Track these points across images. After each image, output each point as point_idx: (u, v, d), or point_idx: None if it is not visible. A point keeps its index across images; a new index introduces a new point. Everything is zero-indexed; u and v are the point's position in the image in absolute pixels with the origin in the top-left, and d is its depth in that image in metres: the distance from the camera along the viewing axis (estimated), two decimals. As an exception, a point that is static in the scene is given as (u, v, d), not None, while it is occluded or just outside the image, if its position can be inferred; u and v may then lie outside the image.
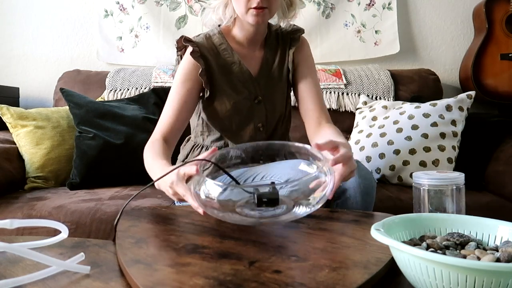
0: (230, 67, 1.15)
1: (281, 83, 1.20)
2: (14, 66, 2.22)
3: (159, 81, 1.90)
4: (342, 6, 2.19)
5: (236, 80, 1.15)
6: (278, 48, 1.21)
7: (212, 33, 1.17)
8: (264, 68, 1.19)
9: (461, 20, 2.21)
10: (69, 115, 1.66)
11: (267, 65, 1.19)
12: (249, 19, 1.07)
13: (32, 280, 0.50)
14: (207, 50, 1.13)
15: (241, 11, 1.07)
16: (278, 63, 1.20)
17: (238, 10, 1.08)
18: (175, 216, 0.80)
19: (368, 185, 0.99)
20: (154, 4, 2.18)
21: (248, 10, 1.06)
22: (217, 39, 1.16)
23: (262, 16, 1.06)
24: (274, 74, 1.19)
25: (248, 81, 1.16)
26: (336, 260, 0.54)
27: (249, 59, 1.18)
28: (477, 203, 1.38)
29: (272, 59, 1.20)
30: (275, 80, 1.19)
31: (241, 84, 1.15)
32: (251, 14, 1.06)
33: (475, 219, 0.57)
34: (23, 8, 2.21)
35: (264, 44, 1.21)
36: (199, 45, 1.12)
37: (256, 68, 1.18)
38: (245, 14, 1.07)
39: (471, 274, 0.40)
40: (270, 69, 1.19)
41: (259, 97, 1.17)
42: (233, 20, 1.14)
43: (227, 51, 1.15)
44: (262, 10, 1.05)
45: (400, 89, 1.93)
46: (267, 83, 1.18)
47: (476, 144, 1.63)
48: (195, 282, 0.47)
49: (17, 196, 1.40)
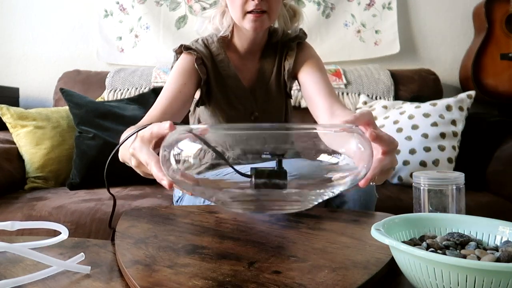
0: (226, 80, 1.09)
1: (278, 97, 1.14)
2: (14, 66, 2.22)
3: (159, 81, 1.90)
4: (342, 6, 2.19)
5: (232, 95, 1.09)
6: (276, 58, 1.13)
7: (210, 40, 1.10)
8: (260, 81, 1.13)
9: (461, 20, 2.21)
10: (69, 115, 1.66)
11: (264, 77, 1.13)
12: (246, 25, 1.00)
13: (32, 280, 0.50)
14: (206, 59, 1.07)
15: (238, 16, 1.00)
16: (276, 75, 1.13)
17: (234, 15, 1.01)
18: (174, 216, 0.80)
19: (369, 200, 0.95)
20: (154, 4, 2.18)
21: (245, 14, 0.98)
22: (215, 48, 1.09)
23: (261, 21, 0.99)
24: (271, 88, 1.13)
25: (243, 97, 1.10)
26: (336, 261, 0.54)
27: (246, 71, 1.12)
28: (477, 203, 1.38)
29: (270, 71, 1.13)
30: (272, 94, 1.13)
31: (237, 100, 1.10)
32: (249, 19, 0.99)
33: (475, 219, 0.57)
34: (23, 8, 2.21)
35: (261, 54, 1.14)
36: (199, 53, 1.06)
37: (253, 81, 1.12)
38: (242, 19, 1.00)
39: (471, 274, 0.40)
40: (268, 82, 1.13)
41: (255, 113, 1.11)
42: (231, 29, 1.08)
43: (224, 63, 1.09)
44: (260, 15, 0.98)
45: (400, 89, 1.93)
46: (263, 97, 1.12)
47: (476, 144, 1.63)
48: (194, 283, 0.47)
49: (17, 196, 1.40)
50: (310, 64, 1.11)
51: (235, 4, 0.99)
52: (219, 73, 1.08)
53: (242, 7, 0.98)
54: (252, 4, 0.96)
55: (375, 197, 1.00)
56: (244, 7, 0.97)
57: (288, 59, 1.12)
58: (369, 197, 0.97)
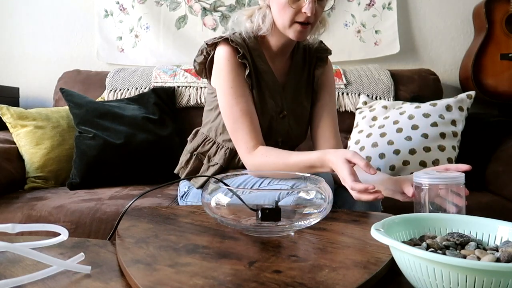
0: (262, 75, 1.10)
1: (305, 100, 1.17)
2: (14, 66, 2.22)
3: (159, 81, 1.90)
4: (342, 6, 2.19)
5: (266, 90, 1.10)
6: (306, 64, 1.18)
7: (247, 35, 1.10)
8: (291, 78, 1.15)
9: (461, 20, 2.21)
10: (69, 115, 1.66)
11: (295, 76, 1.16)
12: (290, 33, 1.02)
13: (32, 280, 0.50)
14: (246, 52, 1.07)
15: (285, 24, 1.02)
16: (306, 79, 1.17)
17: (280, 22, 1.03)
18: (175, 216, 0.80)
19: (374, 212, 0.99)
20: (154, 4, 2.18)
21: (292, 24, 1.01)
22: (252, 43, 1.10)
23: (305, 32, 1.02)
24: (300, 89, 1.16)
25: (276, 92, 1.12)
26: (336, 260, 0.54)
27: (277, 68, 1.14)
28: (477, 203, 1.38)
29: (300, 73, 1.16)
30: (300, 95, 1.16)
31: (269, 95, 1.11)
32: (295, 29, 1.01)
33: (475, 219, 0.57)
34: (23, 8, 2.21)
35: (292, 56, 1.16)
36: (240, 47, 1.06)
37: (284, 78, 1.15)
38: (288, 28, 1.02)
39: (471, 274, 0.40)
40: (298, 83, 1.16)
41: (284, 112, 1.13)
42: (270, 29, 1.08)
43: (261, 57, 1.11)
44: (306, 27, 1.01)
45: (400, 89, 1.93)
46: (292, 96, 1.15)
47: (476, 144, 1.63)
48: (195, 282, 0.47)
49: (17, 196, 1.40)
50: (329, 91, 1.18)
51: (285, 13, 1.01)
52: (257, 68, 1.10)
53: (292, 17, 1.00)
54: (303, 17, 1.00)
55: (380, 209, 1.02)
56: (295, 17, 1.00)
57: (319, 69, 1.17)
58: (375, 209, 0.99)
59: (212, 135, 1.17)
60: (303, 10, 0.99)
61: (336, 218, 0.78)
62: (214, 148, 1.15)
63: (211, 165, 1.14)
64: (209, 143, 1.17)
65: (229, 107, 1.05)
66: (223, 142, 1.14)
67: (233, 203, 0.69)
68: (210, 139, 1.17)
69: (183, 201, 1.18)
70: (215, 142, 1.16)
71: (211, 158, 1.15)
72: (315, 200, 0.69)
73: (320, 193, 0.70)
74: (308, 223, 0.67)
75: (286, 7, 1.00)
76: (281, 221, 0.67)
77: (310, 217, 0.67)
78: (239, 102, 1.04)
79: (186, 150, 1.23)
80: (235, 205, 0.69)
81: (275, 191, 0.86)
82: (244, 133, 1.03)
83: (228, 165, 1.14)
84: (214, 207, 0.69)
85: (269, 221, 0.67)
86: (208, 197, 0.70)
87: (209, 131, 1.18)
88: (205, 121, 1.21)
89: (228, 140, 1.12)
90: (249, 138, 1.03)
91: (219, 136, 1.15)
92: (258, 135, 1.04)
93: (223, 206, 0.68)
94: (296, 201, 0.75)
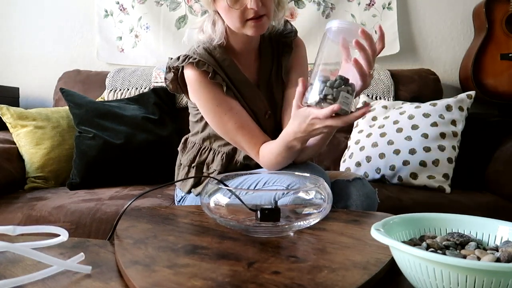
0: (237, 85, 1.06)
1: (278, 92, 1.12)
2: (14, 66, 2.22)
3: (159, 81, 1.90)
4: (342, 6, 2.19)
5: (247, 98, 1.07)
6: (273, 54, 1.13)
7: (211, 47, 1.05)
8: (262, 78, 1.11)
9: (461, 20, 2.21)
10: (69, 115, 1.66)
11: (265, 74, 1.12)
12: (248, 31, 0.98)
13: (32, 280, 0.50)
14: (215, 67, 1.02)
15: (237, 25, 0.98)
16: (275, 71, 1.12)
17: (232, 24, 0.99)
18: (174, 216, 0.80)
19: (371, 205, 0.98)
20: (154, 4, 2.18)
21: (245, 22, 0.97)
22: (219, 54, 1.05)
23: (262, 25, 0.98)
24: (272, 85, 1.12)
25: (256, 98, 1.09)
26: (336, 261, 0.54)
27: (248, 71, 1.10)
28: (477, 203, 1.38)
29: (269, 68, 1.12)
30: (273, 89, 1.12)
31: (251, 103, 1.08)
32: (250, 26, 0.97)
33: (475, 219, 0.57)
34: (23, 8, 2.21)
35: (259, 52, 1.12)
36: (208, 63, 1.01)
37: (256, 80, 1.11)
38: (242, 27, 0.98)
39: (471, 274, 0.40)
40: (268, 79, 1.12)
41: (268, 112, 1.10)
42: (224, 35, 1.05)
43: (232, 67, 1.06)
44: (260, 20, 0.96)
45: (400, 89, 1.93)
46: (267, 95, 1.11)
47: (476, 144, 1.63)
48: (193, 283, 0.47)
49: (17, 196, 1.40)
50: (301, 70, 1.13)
51: (232, 16, 0.97)
52: (231, 79, 1.06)
53: (241, 17, 0.96)
54: (252, 12, 0.95)
55: (377, 202, 1.01)
56: (243, 16, 0.96)
57: (286, 56, 1.12)
58: (372, 202, 0.99)
59: (206, 144, 1.14)
60: (249, 7, 0.94)
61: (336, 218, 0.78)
62: (211, 156, 1.13)
63: (210, 172, 1.12)
64: (205, 152, 1.14)
65: (223, 125, 1.03)
66: (218, 148, 1.12)
67: (232, 203, 0.69)
68: (205, 147, 1.14)
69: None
70: (211, 149, 1.13)
71: (210, 165, 1.13)
72: (314, 200, 0.69)
73: (319, 193, 0.70)
74: (307, 223, 0.67)
75: (230, 10, 0.96)
76: (280, 221, 0.67)
77: (310, 217, 0.67)
78: (231, 116, 1.02)
79: (181, 163, 1.19)
80: (234, 205, 0.69)
81: (271, 191, 0.86)
82: (246, 143, 1.03)
83: (225, 170, 1.11)
84: (213, 208, 0.69)
85: (268, 221, 0.67)
86: (207, 198, 0.70)
87: (202, 140, 1.14)
88: (193, 131, 1.18)
89: (223, 145, 1.11)
90: (253, 145, 1.02)
91: (214, 143, 1.13)
92: (258, 139, 1.03)
93: (222, 206, 0.68)
94: (293, 201, 0.75)
